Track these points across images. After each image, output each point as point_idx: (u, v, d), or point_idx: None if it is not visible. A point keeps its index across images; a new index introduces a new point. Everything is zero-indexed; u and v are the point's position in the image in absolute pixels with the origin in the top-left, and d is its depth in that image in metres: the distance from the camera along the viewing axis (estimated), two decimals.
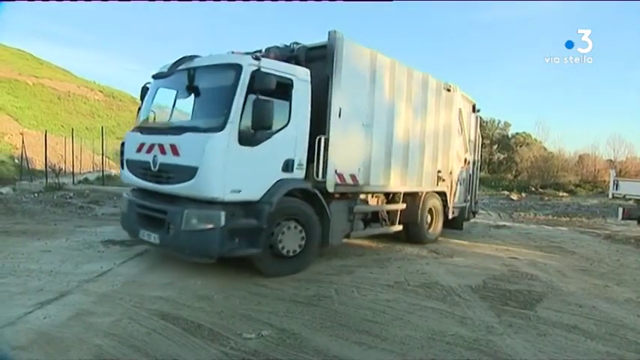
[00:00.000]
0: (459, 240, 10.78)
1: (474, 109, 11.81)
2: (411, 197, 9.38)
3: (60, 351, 3.95)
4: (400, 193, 9.04)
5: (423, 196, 9.64)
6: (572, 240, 11.81)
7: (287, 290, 5.95)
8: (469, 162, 11.57)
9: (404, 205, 9.20)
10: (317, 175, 6.91)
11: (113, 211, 12.37)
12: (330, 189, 7.12)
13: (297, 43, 7.49)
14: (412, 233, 9.70)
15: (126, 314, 4.81)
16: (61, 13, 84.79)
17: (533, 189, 33.75)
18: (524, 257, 8.94)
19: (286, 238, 6.64)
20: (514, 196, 28.08)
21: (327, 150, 6.95)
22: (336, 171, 7.18)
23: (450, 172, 10.45)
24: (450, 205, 10.57)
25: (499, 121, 47.95)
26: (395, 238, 9.60)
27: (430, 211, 10.06)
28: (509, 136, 47.68)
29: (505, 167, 45.11)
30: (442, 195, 10.38)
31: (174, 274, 6.33)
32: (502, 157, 46.41)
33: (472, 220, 12.84)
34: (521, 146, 44.51)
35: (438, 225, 10.41)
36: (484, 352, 4.34)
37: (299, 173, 6.75)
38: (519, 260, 8.62)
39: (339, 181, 7.27)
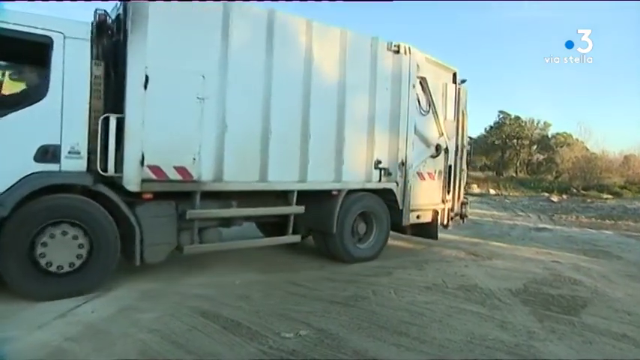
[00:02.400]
0: (497, 242, 10.59)
1: (454, 80, 9.06)
2: (317, 198, 7.12)
3: (107, 344, 4.09)
4: (293, 192, 6.81)
5: (343, 196, 7.32)
6: (618, 244, 11.39)
7: (325, 291, 5.98)
8: (446, 149, 8.83)
9: (300, 209, 6.95)
10: (105, 168, 5.21)
11: None
12: (131, 187, 5.33)
13: None
14: (330, 247, 7.54)
15: (167, 311, 4.93)
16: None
17: (574, 190, 32.76)
18: (566, 261, 8.68)
19: (52, 248, 5.03)
20: (554, 198, 27.33)
21: (124, 134, 5.25)
22: (143, 162, 5.36)
23: (403, 163, 7.89)
24: (405, 207, 8.06)
25: (538, 121, 46.74)
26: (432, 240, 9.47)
27: (363, 216, 7.79)
28: (549, 136, 46.42)
29: (545, 168, 43.96)
30: (388, 194, 7.92)
31: (214, 274, 6.46)
32: (541, 157, 45.26)
33: (511, 222, 12.06)
34: (562, 147, 43.25)
35: (380, 235, 7.96)
36: (525, 358, 4.25)
37: (74, 164, 5.13)
38: (561, 264, 8.38)
39: (153, 176, 5.46)
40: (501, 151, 47.13)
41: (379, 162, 7.71)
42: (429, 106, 8.45)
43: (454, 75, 9.07)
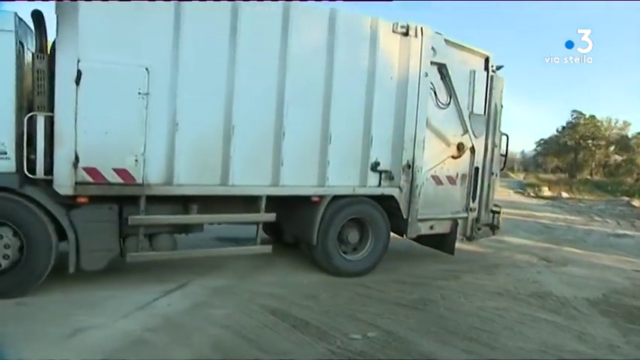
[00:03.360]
0: (571, 248, 10.09)
1: (486, 66, 7.62)
2: (297, 204, 6.35)
3: (182, 336, 4.29)
4: (261, 197, 5.96)
5: (326, 203, 6.35)
6: None
7: (392, 293, 5.96)
8: (472, 149, 7.50)
9: (270, 216, 6.12)
10: (33, 170, 4.88)
11: None
12: (63, 190, 4.96)
13: None
14: (315, 258, 6.68)
15: (239, 308, 5.09)
16: None
17: None
18: None
19: None
20: (635, 203, 25.66)
21: (53, 133, 4.89)
22: (77, 164, 4.95)
23: (409, 166, 6.76)
24: (412, 216, 6.91)
25: (616, 120, 44.15)
26: (501, 242, 9.17)
27: (356, 222, 6.76)
28: (629, 136, 43.69)
29: (624, 170, 41.44)
30: (389, 200, 6.81)
31: (282, 273, 6.58)
32: (620, 159, 42.67)
33: (586, 228, 10.98)
34: None
35: (377, 246, 6.80)
36: None
37: (1, 165, 4.82)
38: None
39: (90, 178, 5.03)
40: (574, 152, 44.96)
41: (377, 164, 6.60)
42: (450, 97, 7.15)
43: (486, 60, 7.60)
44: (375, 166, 6.61)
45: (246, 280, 6.13)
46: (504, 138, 7.94)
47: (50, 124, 4.89)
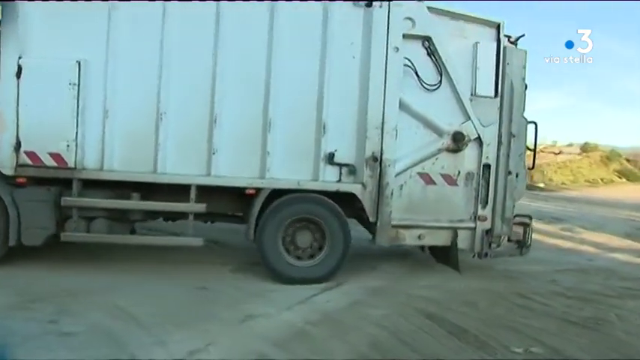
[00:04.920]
0: None
1: (497, 37, 6.15)
2: (228, 195, 5.97)
3: (341, 333, 4.47)
4: (191, 185, 5.66)
5: (264, 196, 5.75)
6: None
7: (557, 307, 5.52)
8: (478, 140, 6.15)
9: (200, 207, 5.73)
10: None
11: None
12: (6, 170, 5.50)
13: None
14: (260, 257, 5.96)
15: (395, 309, 5.14)
16: None
17: None
18: None
19: None
20: None
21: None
22: (19, 148, 5.46)
23: (376, 159, 5.81)
24: (382, 220, 5.89)
25: None
26: None
27: (314, 224, 5.95)
28: None
29: None
30: (355, 200, 5.89)
31: (438, 277, 6.48)
32: None
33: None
34: None
35: (332, 252, 5.90)
36: None
37: None
38: None
39: (29, 161, 5.50)
40: None
41: (332, 155, 5.78)
42: (440, 77, 5.98)
43: (497, 30, 6.15)
44: (330, 158, 5.77)
45: (402, 282, 6.17)
46: (531, 127, 6.42)
47: None
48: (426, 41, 5.92)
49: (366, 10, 5.74)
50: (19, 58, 5.44)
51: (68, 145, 5.55)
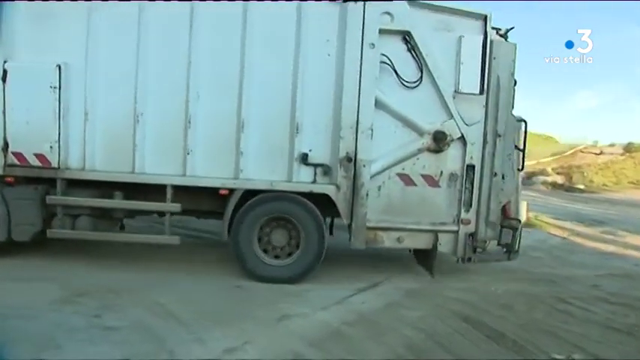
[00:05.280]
0: None
1: (484, 30, 5.79)
2: (206, 194, 5.92)
3: (376, 334, 4.47)
4: (167, 186, 5.74)
5: (237, 196, 5.76)
6: None
7: (599, 313, 5.36)
8: (462, 140, 5.87)
9: (175, 207, 5.81)
10: None
11: None
12: None
13: None
14: (235, 255, 5.94)
15: (431, 311, 5.10)
16: None
17: None
18: None
19: None
20: None
21: None
22: (7, 149, 5.76)
23: (350, 159, 5.68)
24: (357, 222, 5.75)
25: None
26: None
27: (284, 222, 5.89)
28: None
29: None
30: (327, 200, 5.77)
31: (476, 280, 6.39)
32: None
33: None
34: None
35: (305, 252, 5.81)
36: None
37: None
38: None
39: (17, 161, 5.79)
40: None
41: (306, 155, 5.69)
42: (421, 73, 5.77)
43: (484, 22, 5.80)
44: (304, 158, 5.69)
45: (437, 284, 6.10)
46: (521, 125, 6.11)
47: None
48: (406, 36, 5.70)
49: (342, 6, 5.61)
50: (5, 62, 5.71)
51: (51, 146, 5.77)
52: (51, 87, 5.69)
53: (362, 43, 5.58)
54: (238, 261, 5.88)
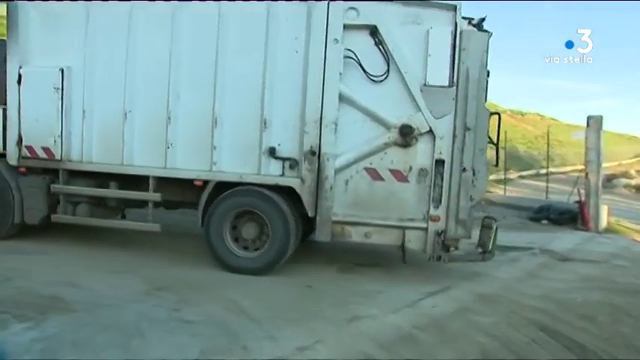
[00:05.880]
0: None
1: (454, 21, 5.62)
2: (187, 185, 6.21)
3: (449, 339, 4.39)
4: (150, 177, 6.21)
5: (210, 188, 6.03)
6: None
7: None
8: (431, 134, 5.73)
9: (155, 196, 6.23)
10: (3, 147, 6.67)
11: (481, 215, 12.89)
12: (12, 162, 6.63)
13: None
14: (206, 244, 6.20)
15: (505, 318, 4.95)
16: None
17: None
18: None
19: None
20: None
21: (6, 120, 6.60)
22: (21, 142, 6.54)
23: (314, 153, 5.74)
24: (322, 215, 5.79)
25: None
26: None
27: (254, 215, 6.01)
28: None
29: None
30: (294, 193, 5.88)
31: (549, 286, 6.17)
32: None
33: None
34: None
35: (272, 245, 5.90)
36: None
37: None
38: None
39: (29, 154, 6.57)
40: None
41: (273, 149, 5.86)
42: (387, 66, 5.68)
43: (454, 13, 5.63)
44: (272, 152, 5.87)
45: (511, 290, 5.93)
46: (494, 118, 5.96)
47: (5, 113, 6.65)
48: (373, 31, 5.70)
49: (310, 5, 5.71)
50: (20, 67, 6.48)
51: (55, 140, 6.47)
52: (55, 88, 6.39)
53: (326, 39, 5.68)
54: (209, 250, 6.14)
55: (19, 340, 3.70)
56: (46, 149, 6.52)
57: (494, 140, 6.24)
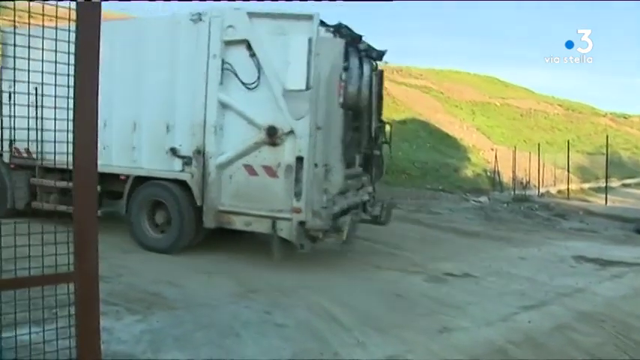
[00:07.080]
0: None
1: (312, 29, 6.11)
2: (118, 180, 7.31)
3: (544, 356, 4.18)
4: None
5: (130, 182, 7.22)
6: None
7: None
8: (290, 134, 6.22)
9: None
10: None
11: (580, 226, 12.19)
12: (6, 159, 8.00)
13: None
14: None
15: (610, 340, 4.60)
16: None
17: None
18: None
19: None
20: None
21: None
22: (11, 143, 7.08)
23: (199, 151, 6.64)
24: (208, 205, 6.61)
25: None
26: None
27: (158, 205, 7.14)
28: None
29: None
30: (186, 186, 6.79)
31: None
32: None
33: None
34: None
35: (174, 229, 6.92)
36: None
37: None
38: None
39: (16, 153, 7.71)
40: None
41: (174, 149, 6.84)
42: (258, 75, 6.36)
43: (311, 22, 6.15)
44: (174, 152, 6.85)
45: (614, 308, 5.52)
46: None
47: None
48: (247, 44, 6.40)
49: (199, 25, 6.63)
50: (10, 86, 7.39)
51: (31, 142, 7.51)
52: (29, 100, 7.70)
53: (208, 54, 6.56)
54: (130, 231, 7.28)
55: (132, 330, 4.06)
56: (26, 149, 7.29)
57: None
